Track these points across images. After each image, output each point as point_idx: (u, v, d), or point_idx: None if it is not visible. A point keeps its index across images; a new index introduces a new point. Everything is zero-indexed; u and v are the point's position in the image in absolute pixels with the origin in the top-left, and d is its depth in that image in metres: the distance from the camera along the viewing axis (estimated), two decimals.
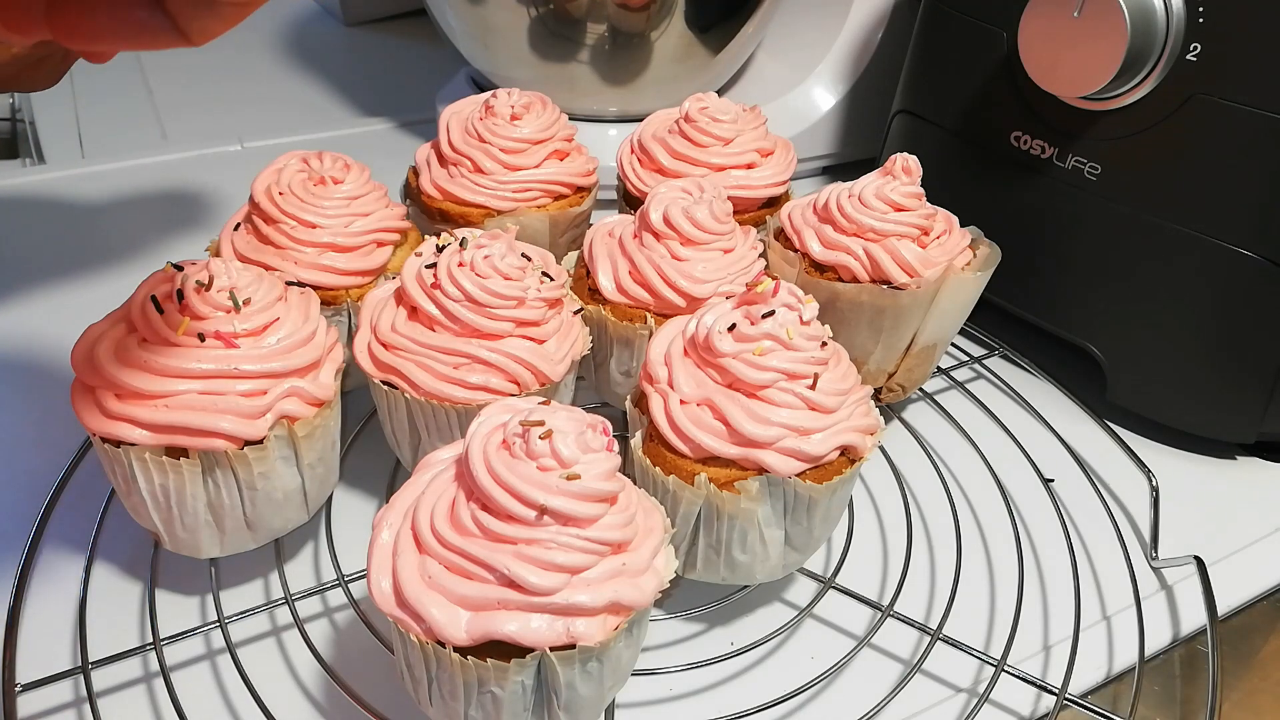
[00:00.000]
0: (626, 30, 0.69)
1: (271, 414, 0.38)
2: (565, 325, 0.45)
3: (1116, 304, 0.55)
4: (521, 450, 0.32)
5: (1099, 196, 0.54)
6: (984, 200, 0.59)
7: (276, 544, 0.43)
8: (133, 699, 0.39)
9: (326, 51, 1.04)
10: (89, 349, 0.38)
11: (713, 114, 0.56)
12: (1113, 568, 0.47)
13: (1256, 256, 0.50)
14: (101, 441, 0.38)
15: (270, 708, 0.37)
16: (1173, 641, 0.45)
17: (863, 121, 0.81)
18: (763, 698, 0.39)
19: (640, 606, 0.32)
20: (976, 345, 0.62)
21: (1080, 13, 0.49)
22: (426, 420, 0.42)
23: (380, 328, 0.43)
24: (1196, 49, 0.48)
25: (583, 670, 0.32)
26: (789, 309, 0.40)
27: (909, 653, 0.44)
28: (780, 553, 0.41)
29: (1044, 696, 0.41)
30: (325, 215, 0.48)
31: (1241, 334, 0.52)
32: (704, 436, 0.38)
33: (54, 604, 0.43)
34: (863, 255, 0.49)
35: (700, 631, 0.44)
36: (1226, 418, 0.55)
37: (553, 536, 0.31)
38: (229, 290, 0.39)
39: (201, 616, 0.43)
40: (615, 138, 0.74)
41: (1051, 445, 0.53)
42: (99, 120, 0.86)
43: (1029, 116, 0.56)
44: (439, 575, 0.31)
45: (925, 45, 0.64)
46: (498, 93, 0.56)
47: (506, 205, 0.54)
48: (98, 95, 0.90)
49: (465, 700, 0.32)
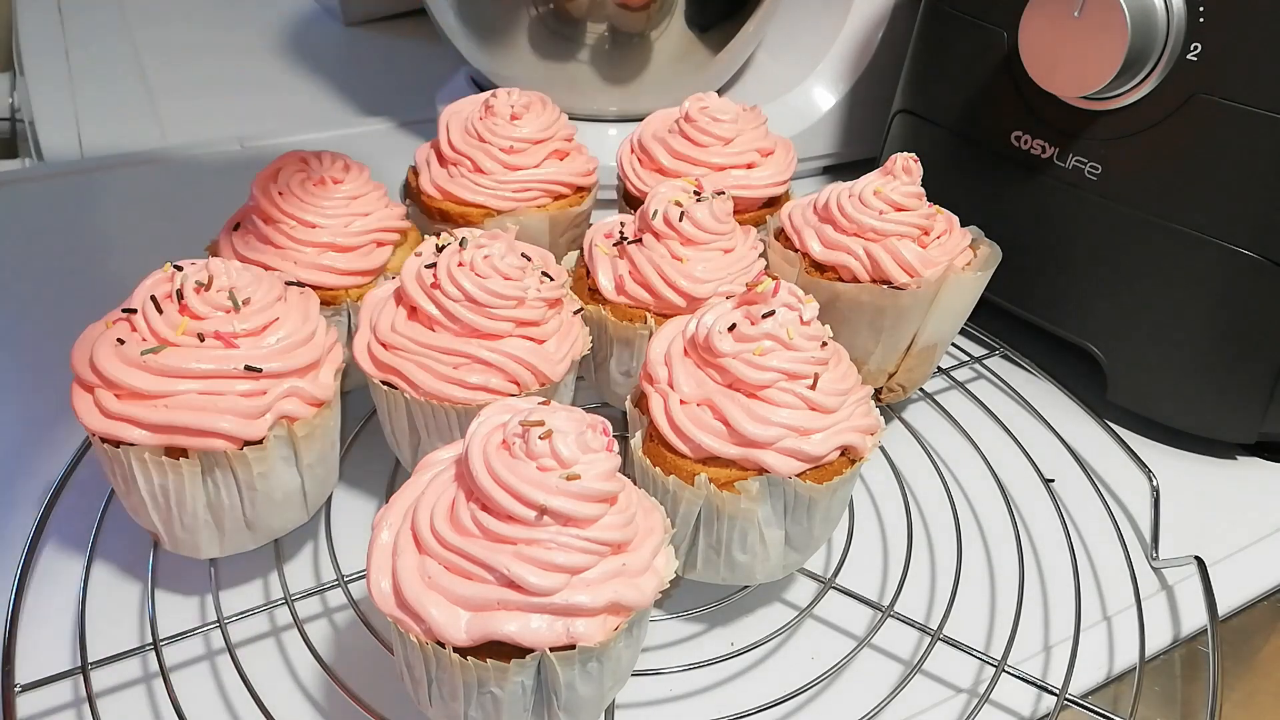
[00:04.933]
0: (626, 30, 0.69)
1: (271, 414, 0.38)
2: (565, 325, 0.45)
3: (1116, 304, 0.55)
4: (521, 450, 0.32)
5: (1099, 196, 0.54)
6: (984, 200, 0.59)
7: (276, 544, 0.43)
8: (132, 699, 0.39)
9: (326, 51, 1.04)
10: (89, 349, 0.38)
11: (713, 114, 0.56)
12: (1113, 568, 0.47)
13: (1256, 256, 0.50)
14: (101, 441, 0.38)
15: (270, 708, 0.37)
16: (1173, 642, 0.45)
17: (863, 121, 0.81)
18: (763, 698, 0.39)
19: (640, 607, 0.32)
20: (976, 345, 0.62)
21: (1081, 12, 0.49)
22: (426, 420, 0.42)
23: (380, 328, 0.42)
24: (1197, 49, 0.48)
25: (583, 670, 0.32)
26: (789, 309, 0.40)
27: (909, 653, 0.44)
28: (780, 553, 0.41)
29: (1044, 697, 0.41)
30: (325, 215, 0.48)
31: (1241, 334, 0.52)
32: (704, 437, 0.38)
33: (54, 604, 0.42)
34: (863, 255, 0.49)
35: (700, 631, 0.44)
36: (1226, 418, 0.55)
37: (553, 537, 0.31)
38: (228, 290, 0.39)
39: (201, 617, 0.43)
40: (615, 138, 0.74)
41: (1052, 445, 0.53)
42: (99, 120, 0.86)
43: (1029, 116, 0.56)
44: (439, 575, 0.31)
45: (925, 45, 0.64)
46: (498, 93, 0.56)
47: (506, 205, 0.54)
48: (97, 95, 0.90)
49: (465, 701, 0.32)
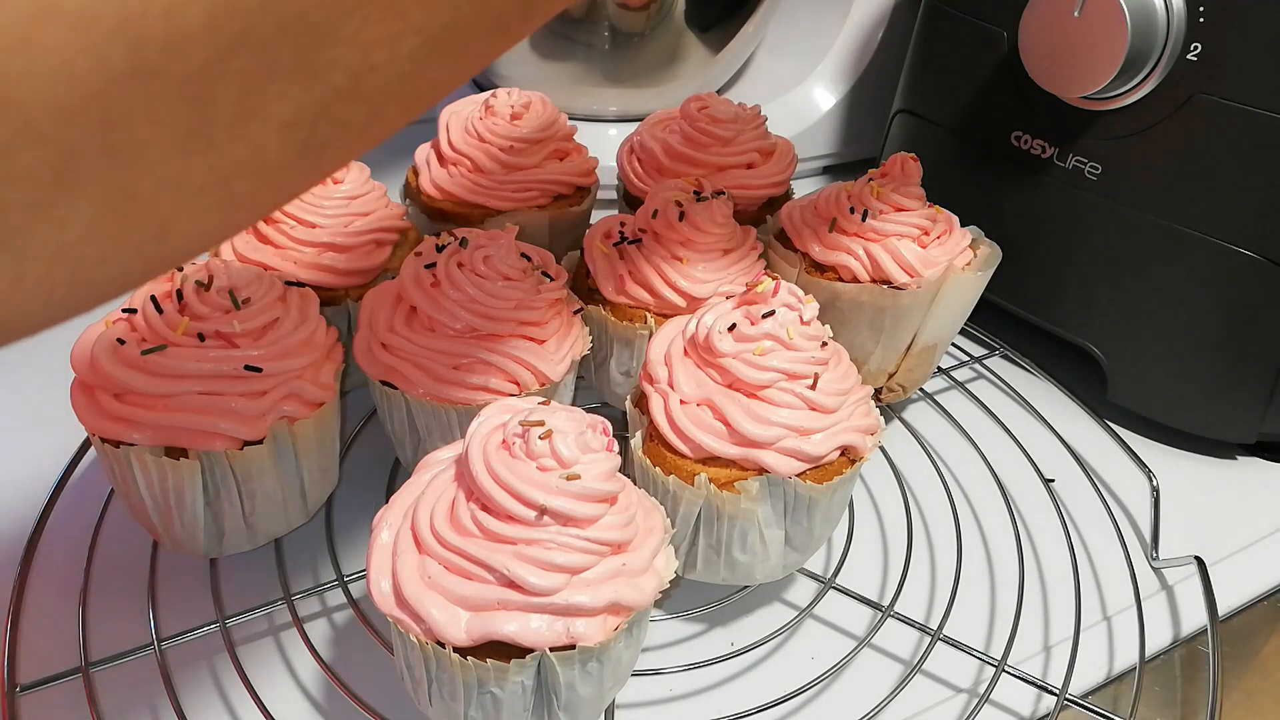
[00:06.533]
0: (626, 30, 0.69)
1: (271, 414, 0.38)
2: (565, 325, 0.45)
3: (1117, 304, 0.55)
4: (521, 450, 0.32)
5: (1099, 196, 0.54)
6: (984, 200, 0.59)
7: (276, 544, 0.43)
8: (133, 699, 0.39)
9: None
10: (89, 349, 0.38)
11: (713, 114, 0.56)
12: (1113, 568, 0.47)
13: (1256, 256, 0.50)
14: (101, 441, 0.38)
15: (270, 708, 0.37)
16: (1173, 642, 0.45)
17: (863, 121, 0.81)
18: (763, 698, 0.39)
19: (640, 607, 0.32)
20: (976, 345, 0.62)
21: (1081, 12, 0.49)
22: (426, 420, 0.42)
23: (380, 328, 0.42)
24: (1197, 49, 0.48)
25: (583, 671, 0.32)
26: (789, 309, 0.40)
27: (909, 653, 0.44)
28: (780, 553, 0.41)
29: (1044, 697, 0.41)
30: (324, 215, 0.48)
31: (1241, 334, 0.52)
32: (704, 437, 0.38)
33: (54, 604, 0.42)
34: (863, 255, 0.49)
35: (700, 631, 0.44)
36: (1226, 418, 0.55)
37: (552, 537, 0.31)
38: (228, 290, 0.39)
39: (201, 616, 0.43)
40: (615, 138, 0.74)
41: (1052, 445, 0.53)
42: None
43: (1029, 116, 0.56)
44: (439, 575, 0.31)
45: (925, 45, 0.64)
46: (497, 92, 0.56)
47: (506, 205, 0.54)
48: None
49: (465, 701, 0.32)
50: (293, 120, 0.19)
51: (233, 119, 0.18)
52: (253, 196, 0.20)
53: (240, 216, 0.21)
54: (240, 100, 0.18)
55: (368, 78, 0.20)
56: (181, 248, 0.20)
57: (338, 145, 0.21)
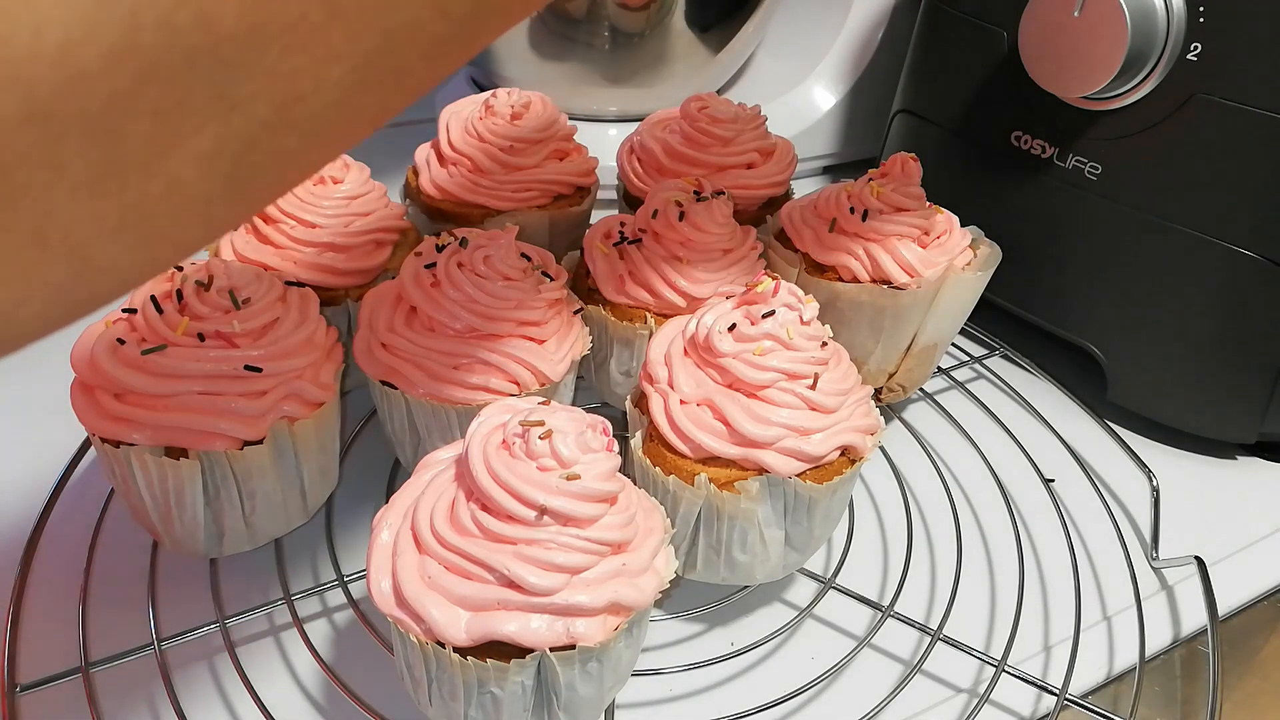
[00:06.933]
0: (626, 30, 0.69)
1: (271, 414, 0.38)
2: (565, 325, 0.45)
3: (1116, 304, 0.55)
4: (521, 450, 0.32)
5: (1099, 196, 0.54)
6: (984, 200, 0.59)
7: (276, 544, 0.43)
8: (133, 699, 0.39)
9: None
10: (89, 349, 0.38)
11: (713, 114, 0.56)
12: (1113, 568, 0.47)
13: (1256, 256, 0.50)
14: (101, 441, 0.38)
15: (270, 708, 0.37)
16: (1173, 642, 0.45)
17: (863, 121, 0.81)
18: (763, 698, 0.39)
19: (640, 607, 0.32)
20: (976, 345, 0.62)
21: (1081, 12, 0.49)
22: (426, 420, 0.42)
23: (380, 328, 0.42)
24: (1197, 49, 0.48)
25: (583, 671, 0.32)
26: (789, 309, 0.40)
27: (909, 653, 0.44)
28: (780, 553, 0.41)
29: (1044, 697, 0.41)
30: (324, 215, 0.48)
31: (1241, 334, 0.52)
32: (704, 437, 0.38)
33: (54, 604, 0.42)
34: (863, 255, 0.49)
35: (700, 631, 0.44)
36: (1226, 418, 0.55)
37: (552, 537, 0.31)
38: (228, 290, 0.39)
39: (201, 616, 0.43)
40: (615, 138, 0.74)
41: (1052, 445, 0.53)
42: None
43: (1029, 116, 0.56)
44: (439, 575, 0.31)
45: (925, 45, 0.64)
46: (497, 92, 0.56)
47: (506, 205, 0.54)
48: None
49: (465, 701, 0.32)
50: (214, 152, 0.19)
51: (146, 156, 0.18)
52: (178, 232, 0.20)
53: (166, 252, 0.20)
54: (153, 136, 0.17)
55: (295, 107, 0.19)
56: (105, 287, 0.19)
57: (270, 175, 0.20)
